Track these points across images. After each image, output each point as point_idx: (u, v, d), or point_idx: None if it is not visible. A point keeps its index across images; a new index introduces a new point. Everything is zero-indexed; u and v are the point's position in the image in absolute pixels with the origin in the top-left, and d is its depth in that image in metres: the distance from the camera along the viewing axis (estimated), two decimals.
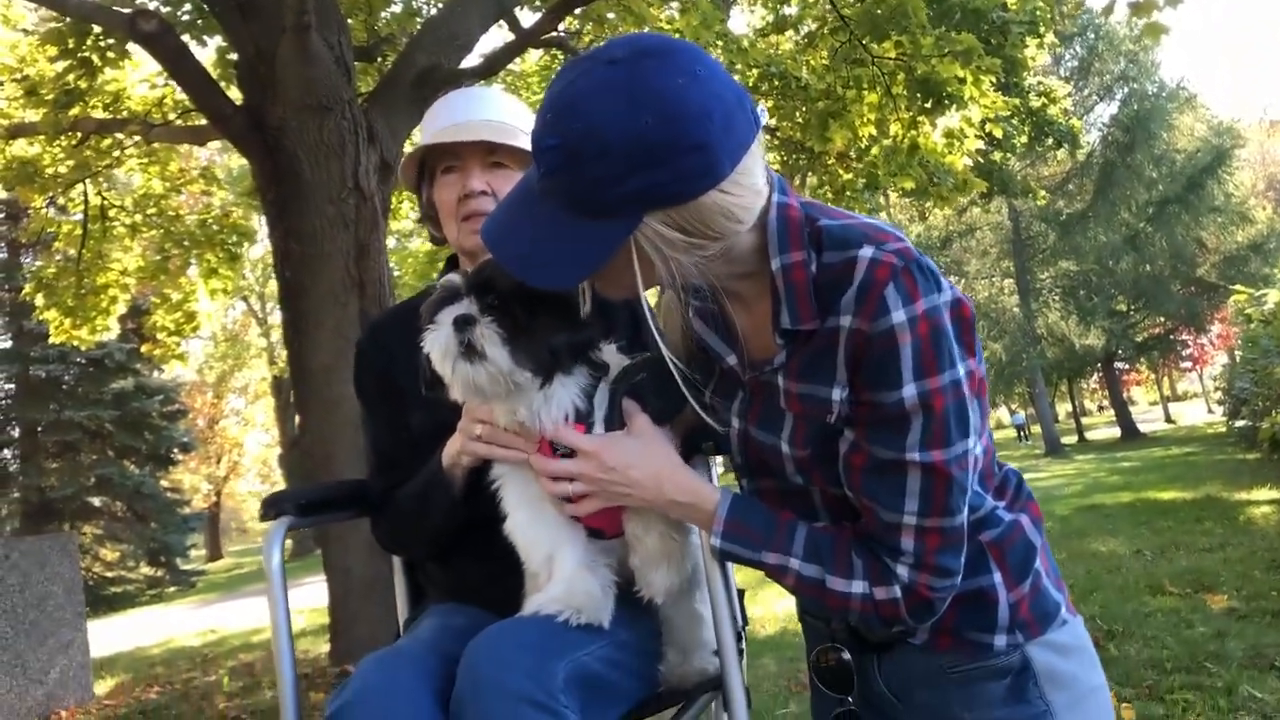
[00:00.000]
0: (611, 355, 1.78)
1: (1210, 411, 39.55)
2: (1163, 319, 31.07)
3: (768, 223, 1.49)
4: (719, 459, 1.82)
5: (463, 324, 1.62)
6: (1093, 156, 28.36)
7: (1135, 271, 28.84)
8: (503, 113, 2.21)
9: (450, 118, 2.19)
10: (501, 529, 1.82)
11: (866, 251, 1.43)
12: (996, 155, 11.67)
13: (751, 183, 1.43)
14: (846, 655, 1.68)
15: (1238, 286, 12.72)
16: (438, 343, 1.65)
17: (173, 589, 25.10)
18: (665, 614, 1.87)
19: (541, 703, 1.52)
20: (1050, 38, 9.61)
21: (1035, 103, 13.82)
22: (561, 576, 1.74)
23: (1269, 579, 5.66)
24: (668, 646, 1.87)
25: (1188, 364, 41.72)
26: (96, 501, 24.98)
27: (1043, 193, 19.67)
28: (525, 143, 2.16)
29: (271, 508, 1.96)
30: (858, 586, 1.51)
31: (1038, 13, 9.87)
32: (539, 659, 1.58)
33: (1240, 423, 14.79)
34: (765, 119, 1.46)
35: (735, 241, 1.47)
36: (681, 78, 1.34)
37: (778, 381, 1.57)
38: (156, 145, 10.55)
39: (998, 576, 1.60)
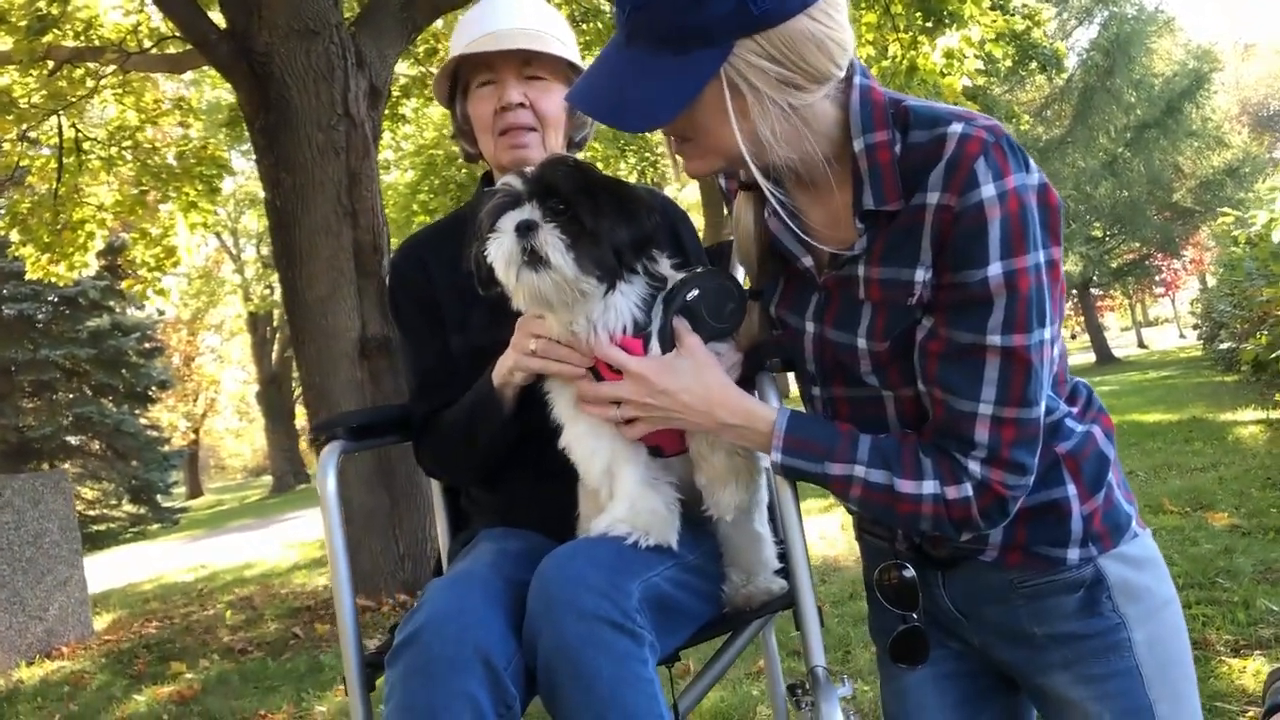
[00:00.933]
0: (666, 269, 1.73)
1: (1182, 336, 39.93)
2: (1138, 244, 31.13)
3: (850, 102, 1.47)
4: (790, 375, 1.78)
5: (525, 230, 1.56)
6: (1071, 81, 28.15)
7: (1113, 197, 28.79)
8: (537, 20, 2.12)
9: (483, 27, 2.09)
10: (550, 448, 1.78)
11: (956, 127, 1.41)
12: (980, 79, 11.57)
13: (841, 19, 1.41)
14: (910, 572, 1.64)
15: (1225, 209, 12.66)
16: (500, 250, 1.59)
17: (156, 526, 25.04)
18: (724, 535, 1.84)
19: (618, 623, 1.50)
20: None
21: (1019, 25, 13.73)
22: (623, 494, 1.70)
23: (1267, 496, 5.71)
24: (729, 568, 1.84)
25: (1160, 289, 41.97)
26: (75, 440, 24.80)
27: (1025, 118, 19.60)
28: (562, 51, 2.10)
29: (324, 430, 1.91)
30: (928, 487, 1.48)
31: None
32: (613, 579, 1.55)
33: (1223, 345, 14.88)
34: None
35: (819, 105, 1.44)
36: None
37: (857, 272, 1.53)
38: (131, 76, 10.28)
39: (1071, 488, 1.58)
